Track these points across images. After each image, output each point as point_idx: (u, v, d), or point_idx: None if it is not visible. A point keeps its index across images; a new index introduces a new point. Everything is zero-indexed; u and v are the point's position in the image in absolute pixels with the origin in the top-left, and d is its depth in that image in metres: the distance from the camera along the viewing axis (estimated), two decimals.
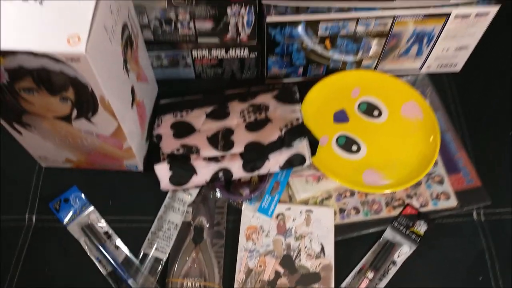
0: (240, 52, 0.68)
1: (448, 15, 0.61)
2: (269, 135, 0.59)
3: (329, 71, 0.71)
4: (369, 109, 0.69)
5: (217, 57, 0.68)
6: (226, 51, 0.67)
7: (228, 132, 0.61)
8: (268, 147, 0.58)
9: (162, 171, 0.59)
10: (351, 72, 0.71)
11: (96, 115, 0.50)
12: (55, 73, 0.43)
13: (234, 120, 0.63)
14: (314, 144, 0.60)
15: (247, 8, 0.60)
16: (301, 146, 0.58)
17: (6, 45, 0.41)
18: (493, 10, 0.61)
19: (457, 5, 0.60)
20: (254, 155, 0.58)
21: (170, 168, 0.59)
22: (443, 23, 0.63)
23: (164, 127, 0.64)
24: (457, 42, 0.67)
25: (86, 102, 0.48)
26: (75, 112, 0.50)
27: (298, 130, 0.59)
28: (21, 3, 0.43)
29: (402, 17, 0.61)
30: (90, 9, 0.42)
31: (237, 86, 0.71)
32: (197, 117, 0.64)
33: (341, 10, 0.60)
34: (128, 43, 0.52)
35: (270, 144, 0.58)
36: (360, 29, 0.63)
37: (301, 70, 0.70)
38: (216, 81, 0.73)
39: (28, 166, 0.64)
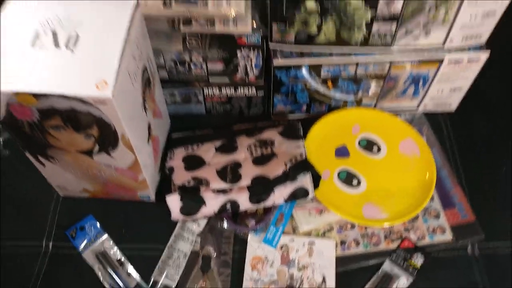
0: (248, 91, 0.72)
1: (442, 60, 0.66)
2: (275, 169, 0.63)
3: (331, 109, 0.75)
4: (369, 145, 0.73)
5: (227, 95, 0.73)
6: (235, 90, 0.72)
7: (236, 165, 0.65)
8: (273, 181, 0.62)
9: (173, 202, 0.63)
10: (352, 110, 0.75)
11: (116, 150, 0.54)
12: (83, 113, 0.48)
13: (242, 154, 0.67)
14: (317, 178, 0.64)
15: (256, 52, 0.65)
16: (305, 180, 0.62)
17: (41, 89, 0.46)
18: (483, 56, 0.66)
19: (449, 51, 0.65)
20: (261, 189, 0.62)
21: (181, 199, 0.63)
22: (437, 67, 0.67)
23: (176, 160, 0.68)
24: (451, 84, 0.71)
25: (108, 139, 0.52)
26: (97, 147, 0.54)
27: (302, 165, 0.63)
28: (54, 51, 0.48)
29: (399, 62, 0.66)
30: (117, 57, 0.47)
31: (244, 122, 0.76)
32: (207, 151, 0.69)
33: (342, 55, 0.65)
34: (147, 84, 0.57)
35: (276, 178, 0.62)
36: (360, 72, 0.67)
37: (304, 107, 0.75)
38: (225, 117, 0.78)
39: (47, 195, 0.68)
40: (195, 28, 0.62)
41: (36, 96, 0.46)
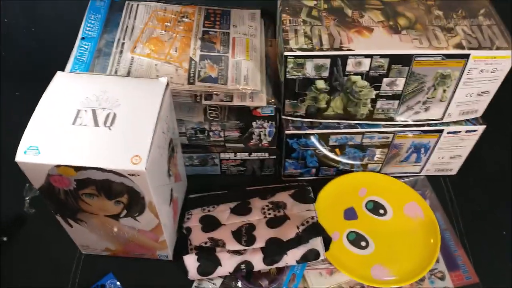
0: (261, 155, 0.78)
1: (441, 132, 0.72)
2: (288, 232, 0.67)
3: (339, 172, 0.80)
4: (375, 208, 0.77)
5: (241, 158, 0.78)
6: (249, 154, 0.77)
7: (251, 227, 0.69)
8: (287, 243, 0.65)
9: (191, 261, 0.66)
10: (358, 174, 0.80)
11: (142, 215, 0.59)
12: (116, 184, 0.53)
13: (256, 216, 0.71)
14: (327, 241, 0.68)
15: (269, 122, 0.71)
16: (316, 242, 0.66)
17: (81, 162, 0.51)
18: (480, 128, 0.71)
19: (448, 124, 0.71)
20: (274, 250, 0.66)
21: (198, 259, 0.66)
22: (437, 138, 0.73)
23: (193, 221, 0.72)
24: (451, 152, 0.76)
25: (136, 205, 0.57)
26: (124, 212, 0.59)
27: (314, 229, 0.67)
28: (93, 128, 0.53)
29: (401, 132, 0.72)
30: (149, 134, 0.53)
31: (257, 182, 0.80)
32: (223, 212, 0.73)
33: (349, 126, 0.71)
34: (171, 153, 0.63)
35: (289, 241, 0.66)
36: (366, 141, 0.73)
37: (314, 170, 0.80)
38: (239, 177, 0.83)
39: (70, 253, 0.72)
40: (215, 101, 0.69)
41: (76, 168, 0.51)
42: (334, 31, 0.63)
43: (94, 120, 0.53)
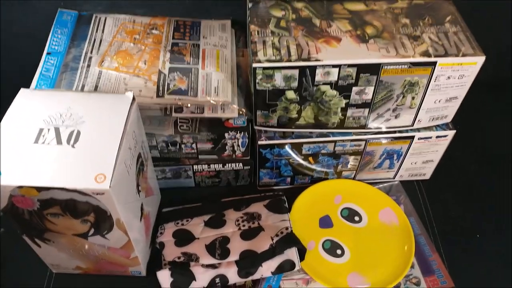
0: (235, 165, 0.77)
1: (413, 137, 0.72)
2: (262, 243, 0.66)
3: (314, 180, 0.80)
4: (351, 215, 0.77)
5: (215, 169, 0.77)
6: (223, 165, 0.77)
7: (225, 240, 0.68)
8: (261, 255, 0.65)
9: (164, 277, 0.65)
10: (333, 182, 0.80)
11: (111, 232, 0.57)
12: (81, 203, 0.51)
13: (230, 229, 0.70)
14: (302, 251, 0.67)
15: (242, 133, 0.71)
16: (291, 253, 0.66)
17: (43, 183, 0.49)
18: (450, 133, 0.72)
19: (418, 130, 0.71)
20: (249, 263, 0.65)
21: (171, 275, 0.65)
22: (409, 144, 0.73)
23: (167, 236, 0.71)
24: (423, 158, 0.77)
25: (103, 223, 0.55)
26: (92, 231, 0.57)
27: (288, 240, 0.66)
28: (56, 147, 0.52)
29: (373, 140, 0.72)
30: (114, 152, 0.52)
31: (232, 193, 0.79)
32: (196, 225, 0.72)
33: (321, 135, 0.71)
34: (140, 168, 0.62)
35: (263, 253, 0.65)
36: (338, 149, 0.73)
37: (289, 179, 0.80)
38: (214, 188, 0.82)
39: (40, 271, 0.70)
40: (185, 113, 0.68)
41: (38, 188, 0.50)
42: (302, 42, 0.62)
43: (57, 139, 0.52)
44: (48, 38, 0.71)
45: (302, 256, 0.67)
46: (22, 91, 0.58)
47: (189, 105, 0.67)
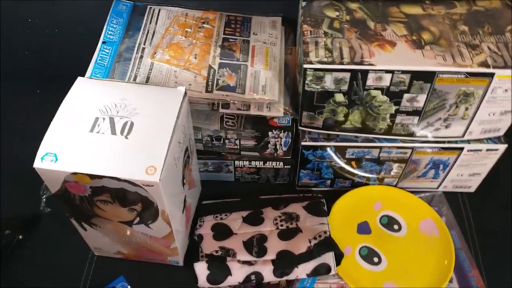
0: (276, 164, 0.77)
1: (462, 149, 0.70)
2: (299, 245, 0.66)
3: (354, 185, 0.79)
4: (390, 223, 0.75)
5: (256, 166, 0.78)
6: (264, 163, 0.77)
7: (262, 238, 0.69)
8: (298, 257, 0.65)
9: (201, 269, 0.66)
10: (374, 187, 0.79)
11: (155, 223, 0.59)
12: (131, 193, 0.53)
13: (268, 227, 0.71)
14: (339, 256, 0.67)
15: (285, 133, 0.71)
16: (328, 257, 0.65)
17: (96, 171, 0.51)
18: (502, 147, 0.70)
19: (469, 142, 0.69)
20: (285, 263, 0.65)
21: (208, 268, 0.66)
22: (457, 155, 0.71)
23: (205, 228, 0.72)
24: (471, 170, 0.75)
25: (149, 213, 0.57)
26: (137, 219, 0.59)
27: (326, 244, 0.66)
28: (110, 137, 0.53)
29: (420, 148, 0.70)
30: (165, 145, 0.53)
31: (270, 190, 0.80)
32: (235, 220, 0.73)
33: (367, 139, 0.70)
34: (187, 161, 0.63)
35: (300, 255, 0.65)
36: (383, 155, 0.72)
37: (329, 182, 0.79)
38: (253, 184, 0.82)
39: (83, 253, 0.73)
40: (232, 110, 0.68)
41: (92, 176, 0.52)
42: (355, 44, 0.61)
43: (112, 129, 0.54)
44: (104, 28, 0.73)
45: (338, 261, 0.67)
46: (79, 79, 0.60)
47: (236, 101, 0.68)
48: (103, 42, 0.72)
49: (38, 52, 0.89)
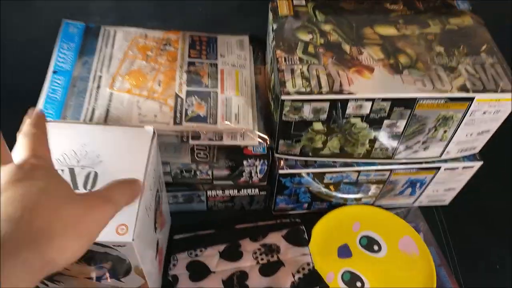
0: (251, 191, 0.73)
1: (439, 168, 0.69)
2: (283, 281, 0.63)
3: (332, 206, 0.77)
4: (370, 244, 0.74)
5: (230, 194, 0.74)
6: (239, 191, 0.73)
7: (243, 275, 0.65)
8: None
9: None
10: (351, 208, 0.77)
11: (127, 276, 0.53)
12: (99, 253, 0.47)
13: (248, 262, 0.67)
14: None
15: (261, 161, 0.67)
16: None
17: None
18: (477, 164, 0.69)
19: (446, 162, 0.68)
20: None
21: None
22: (434, 174, 0.70)
23: (180, 268, 0.67)
24: (446, 186, 0.74)
25: (120, 269, 0.51)
26: (107, 275, 0.53)
27: (311, 278, 0.63)
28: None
29: (398, 170, 0.69)
30: (137, 200, 0.47)
31: (246, 217, 0.76)
32: (212, 257, 0.68)
33: (345, 164, 0.67)
34: (158, 204, 0.57)
35: None
36: (361, 178, 0.70)
37: (306, 205, 0.77)
38: (226, 212, 0.78)
39: None
40: (203, 140, 0.64)
41: None
42: (333, 71, 0.58)
43: (73, 182, 0.47)
44: (54, 54, 0.66)
45: None
46: None
47: (207, 132, 0.63)
48: (54, 72, 0.64)
49: None
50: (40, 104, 0.61)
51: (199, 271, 0.66)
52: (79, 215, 0.34)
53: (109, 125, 0.57)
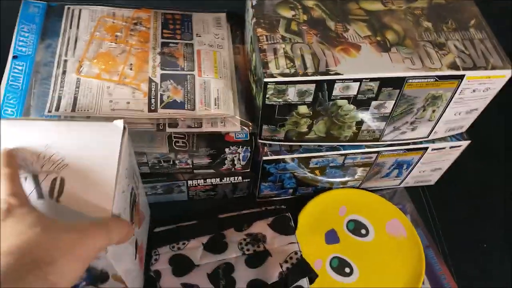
0: (234, 179, 0.70)
1: (426, 148, 0.67)
2: (271, 272, 0.61)
3: (317, 190, 0.75)
4: (357, 228, 0.72)
5: (212, 183, 0.70)
6: (221, 179, 0.69)
7: (229, 268, 0.62)
8: (271, 286, 0.59)
9: None
10: (337, 191, 0.75)
11: (106, 283, 0.49)
12: None
13: (233, 253, 0.64)
14: (313, 278, 0.62)
15: (244, 148, 0.63)
16: (302, 282, 0.60)
17: None
18: (464, 143, 0.68)
19: (433, 142, 0.66)
20: None
21: None
22: (421, 155, 0.69)
23: (162, 263, 0.64)
24: (433, 166, 0.73)
25: (97, 277, 0.47)
26: (83, 283, 0.49)
27: (300, 269, 0.61)
28: (37, 202, 0.41)
29: (386, 152, 0.67)
30: (109, 204, 0.42)
31: (229, 205, 0.72)
32: (195, 249, 0.65)
33: (331, 148, 0.65)
34: (133, 203, 0.53)
35: (274, 284, 0.59)
36: (348, 161, 0.67)
37: (291, 191, 0.74)
38: (209, 201, 0.75)
39: None
40: (181, 128, 0.59)
41: None
42: (318, 50, 0.55)
43: (37, 191, 0.42)
44: (13, 38, 0.60)
45: (311, 281, 0.62)
46: None
47: (185, 119, 0.59)
48: (14, 57, 0.58)
49: None
50: (1, 93, 0.55)
51: (182, 265, 0.63)
52: (74, 240, 0.37)
53: (75, 120, 0.52)
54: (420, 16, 0.60)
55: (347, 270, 0.68)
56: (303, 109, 0.57)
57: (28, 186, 0.41)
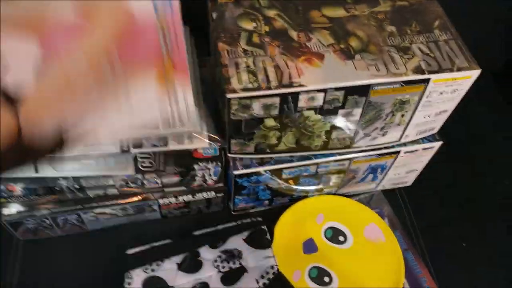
0: (207, 194, 0.68)
1: (399, 152, 0.67)
2: None
3: (293, 199, 0.74)
4: (335, 235, 0.71)
5: (184, 200, 0.68)
6: (193, 196, 0.68)
7: (205, 287, 0.61)
8: None
9: None
10: (314, 199, 0.74)
11: None
12: None
13: (208, 272, 0.62)
14: None
15: (214, 163, 0.62)
16: None
17: None
18: (437, 144, 0.68)
19: (405, 145, 0.66)
20: None
21: None
22: (394, 158, 0.68)
23: (136, 286, 0.62)
24: (407, 168, 0.72)
25: None
26: None
27: (276, 284, 0.60)
28: None
29: (358, 158, 0.66)
30: None
31: (204, 220, 0.71)
32: (169, 270, 0.63)
33: (303, 158, 0.64)
34: None
35: None
36: (321, 170, 0.66)
37: (267, 202, 0.73)
38: (183, 218, 0.73)
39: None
40: (146, 148, 0.58)
41: None
42: (281, 62, 0.53)
43: None
44: None
45: None
46: None
47: (149, 138, 0.57)
48: None
49: None
50: None
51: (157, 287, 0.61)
52: None
53: None
54: (384, 20, 0.59)
55: (326, 279, 0.67)
56: (270, 122, 0.55)
57: None
